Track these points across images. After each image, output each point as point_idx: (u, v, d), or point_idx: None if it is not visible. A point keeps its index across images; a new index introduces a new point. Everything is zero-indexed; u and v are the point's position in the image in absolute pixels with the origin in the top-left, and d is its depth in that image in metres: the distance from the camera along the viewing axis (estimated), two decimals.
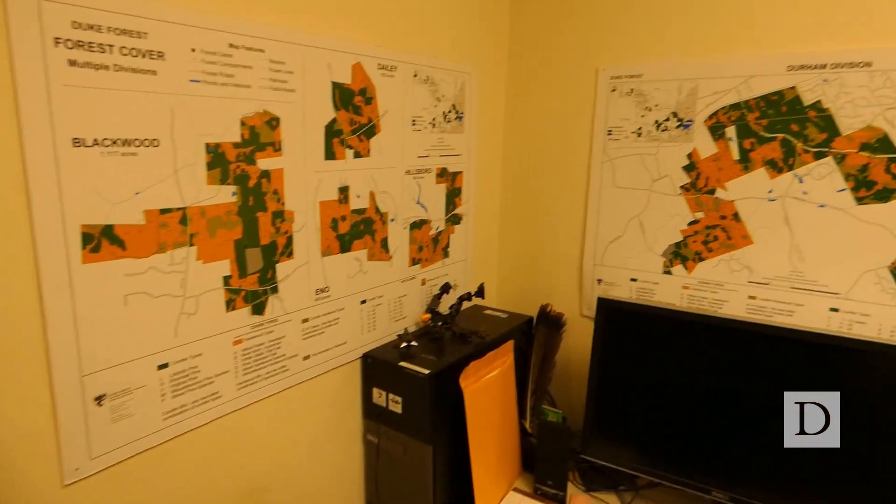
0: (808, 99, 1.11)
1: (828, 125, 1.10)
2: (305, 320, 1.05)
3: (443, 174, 1.33)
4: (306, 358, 1.07)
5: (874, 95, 1.06)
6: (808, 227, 1.14)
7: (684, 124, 1.25)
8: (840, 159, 1.10)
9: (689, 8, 1.22)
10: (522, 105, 1.48)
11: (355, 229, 1.12)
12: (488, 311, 1.45)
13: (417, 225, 1.28)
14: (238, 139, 0.89)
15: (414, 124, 1.22)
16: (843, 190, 1.10)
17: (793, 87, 1.13)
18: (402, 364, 1.13)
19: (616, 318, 1.24)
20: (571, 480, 1.30)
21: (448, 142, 1.33)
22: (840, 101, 1.09)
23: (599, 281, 1.41)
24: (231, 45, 0.86)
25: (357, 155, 1.10)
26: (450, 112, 1.32)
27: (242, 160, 0.90)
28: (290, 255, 1.00)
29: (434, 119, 1.28)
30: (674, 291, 1.31)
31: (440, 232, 1.36)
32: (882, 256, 1.08)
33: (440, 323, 1.29)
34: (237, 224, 0.91)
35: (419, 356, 1.17)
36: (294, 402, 1.07)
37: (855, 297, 1.12)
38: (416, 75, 1.21)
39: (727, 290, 1.24)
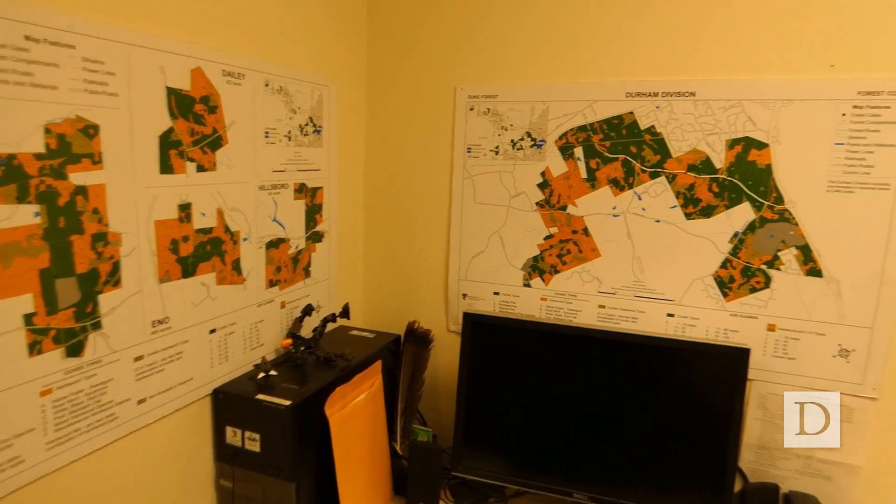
0: (644, 123, 1.19)
1: (661, 148, 1.19)
2: (139, 358, 0.89)
3: (301, 190, 1.23)
4: (141, 401, 0.90)
5: (698, 122, 1.16)
6: (647, 240, 1.22)
7: (537, 144, 1.28)
8: (671, 179, 1.19)
9: (538, 35, 1.25)
10: (383, 121, 1.43)
11: (201, 251, 0.98)
12: (355, 332, 1.37)
13: (274, 244, 1.17)
14: (42, 149, 0.72)
15: (267, 137, 1.11)
16: (674, 206, 1.19)
17: (631, 113, 1.20)
18: (260, 397, 1.00)
19: (480, 331, 1.22)
20: (443, 499, 1.26)
21: (306, 156, 1.23)
22: (670, 126, 1.17)
23: (465, 295, 1.39)
24: (28, 38, 0.69)
25: (201, 168, 0.96)
26: (307, 125, 1.22)
27: (48, 174, 0.73)
28: (116, 283, 0.84)
29: (290, 132, 1.17)
30: (533, 303, 1.33)
31: (300, 251, 1.25)
32: (707, 266, 1.18)
33: (303, 348, 1.18)
34: (42, 250, 0.73)
35: (279, 386, 1.05)
36: (129, 453, 0.90)
37: (687, 303, 1.21)
38: (267, 85, 1.09)
39: (580, 300, 1.29)
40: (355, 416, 1.13)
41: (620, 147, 1.21)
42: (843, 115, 1.06)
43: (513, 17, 1.27)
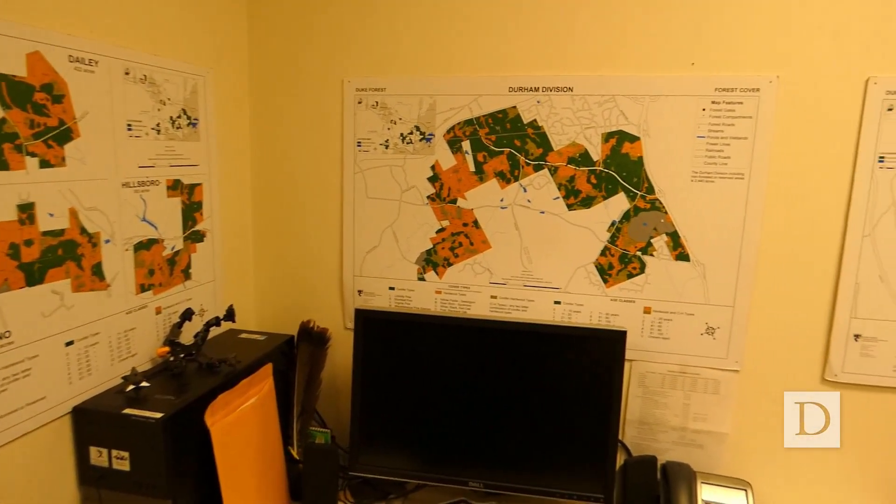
0: (526, 118, 1.21)
1: (543, 141, 1.21)
2: None
3: (176, 187, 1.13)
4: None
5: (576, 116, 1.19)
6: (533, 231, 1.24)
7: (426, 138, 1.26)
8: (554, 171, 1.21)
9: (425, 28, 1.23)
10: (270, 114, 1.35)
11: (50, 255, 0.87)
12: (245, 335, 1.29)
13: (145, 245, 1.07)
14: None
15: (130, 129, 1.01)
16: (557, 198, 1.22)
17: (514, 107, 1.21)
18: (127, 411, 0.91)
19: (373, 327, 1.19)
20: (343, 500, 1.22)
21: (181, 150, 1.14)
22: (551, 120, 1.20)
23: (360, 292, 1.35)
24: None
25: (45, 164, 0.85)
26: (179, 117, 1.13)
27: None
28: None
29: (159, 124, 1.08)
30: (428, 297, 1.32)
31: (177, 252, 1.15)
32: (589, 254, 1.22)
33: (182, 355, 1.10)
34: None
35: (152, 398, 0.96)
36: None
37: (572, 290, 1.24)
38: (128, 73, 0.99)
39: (473, 291, 1.29)
40: (242, 423, 1.06)
41: (505, 141, 1.22)
42: (704, 110, 1.13)
43: (400, 9, 1.24)
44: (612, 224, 1.20)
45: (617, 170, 1.18)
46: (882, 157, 1.06)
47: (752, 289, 1.15)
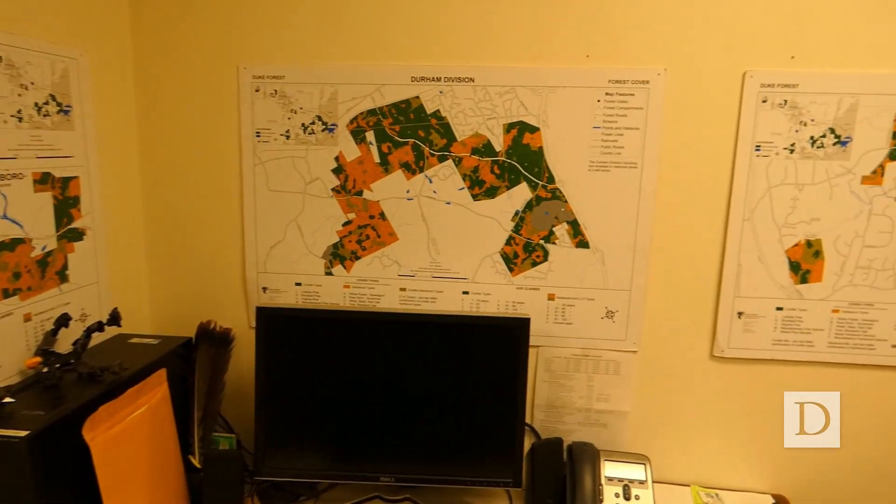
0: (429, 108, 1.18)
1: (446, 132, 1.19)
2: None
3: (46, 180, 1.01)
4: None
5: (478, 107, 1.17)
6: (440, 222, 1.21)
7: (329, 128, 1.21)
8: (458, 162, 1.19)
9: (325, 14, 1.17)
10: (159, 101, 1.24)
11: None
12: (136, 340, 1.18)
13: (8, 246, 0.95)
14: None
15: None
16: (462, 188, 1.20)
17: (417, 97, 1.18)
18: None
19: (277, 326, 1.13)
20: None
21: (50, 140, 1.02)
22: (454, 110, 1.18)
23: (265, 289, 1.28)
24: None
25: None
26: (47, 104, 1.01)
27: None
28: None
29: (20, 111, 0.95)
30: (337, 291, 1.27)
31: (50, 252, 1.03)
32: (494, 244, 1.22)
33: (58, 365, 0.99)
34: None
35: (18, 415, 0.85)
36: None
37: (479, 280, 1.23)
38: None
39: (382, 284, 1.25)
40: (129, 435, 0.97)
41: (409, 131, 1.19)
42: (598, 101, 1.15)
43: None
44: (516, 213, 1.20)
45: (519, 160, 1.18)
46: (758, 146, 1.13)
47: (646, 273, 1.19)
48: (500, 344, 1.12)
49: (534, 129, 1.16)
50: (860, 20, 1.07)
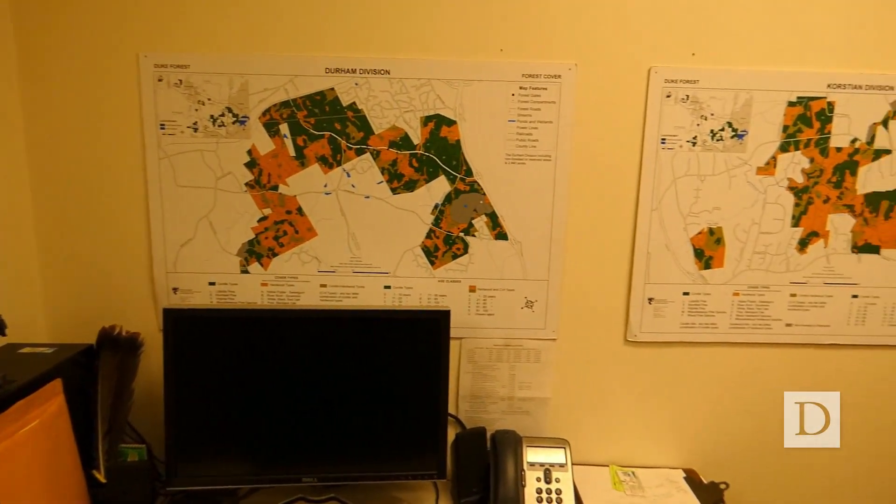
0: (345, 100, 1.15)
1: (363, 125, 1.16)
2: None
3: None
4: None
5: (395, 99, 1.15)
6: (359, 216, 1.19)
7: (240, 120, 1.15)
8: (376, 155, 1.17)
9: (231, 1, 1.12)
10: (49, 91, 1.14)
11: None
12: (27, 350, 1.08)
13: None
14: None
15: None
16: (381, 182, 1.18)
17: (332, 89, 1.14)
18: None
19: (187, 327, 1.07)
20: None
21: None
22: (370, 103, 1.15)
23: (175, 290, 1.21)
24: None
25: None
26: None
27: None
28: None
29: None
30: (254, 290, 1.21)
31: None
32: (415, 237, 1.20)
33: None
34: None
35: None
36: None
37: (401, 274, 1.22)
38: None
39: (301, 281, 1.21)
40: (18, 452, 0.89)
41: (325, 124, 1.15)
42: (513, 94, 1.15)
43: None
44: (436, 207, 1.19)
45: (437, 153, 1.17)
46: (664, 139, 1.17)
47: (563, 263, 1.21)
48: (422, 337, 1.11)
49: (451, 123, 1.16)
50: (754, 20, 1.14)
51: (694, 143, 1.17)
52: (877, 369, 1.28)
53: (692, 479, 1.25)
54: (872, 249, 1.22)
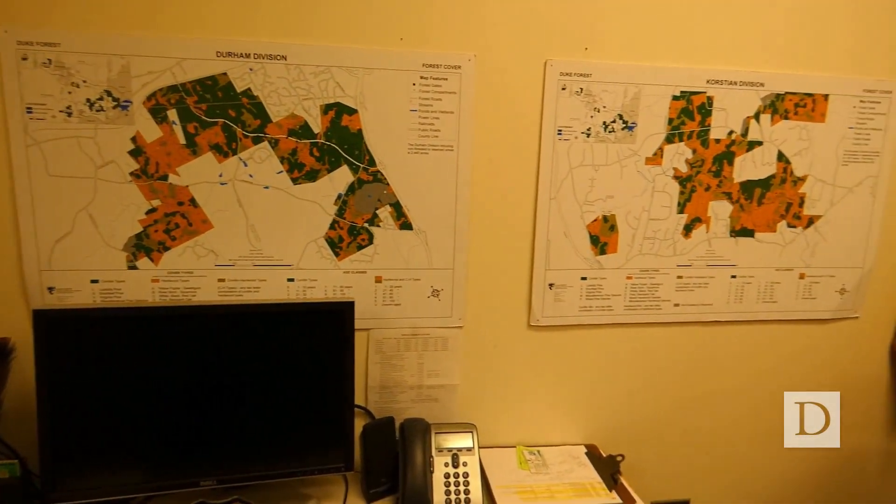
0: (239, 86, 1.09)
1: (260, 112, 1.11)
2: None
3: None
4: None
5: (292, 86, 1.11)
6: (259, 207, 1.14)
7: (121, 105, 1.07)
8: (274, 144, 1.13)
9: None
10: None
11: None
12: None
13: None
14: None
15: None
16: (281, 172, 1.14)
17: (224, 74, 1.09)
18: None
19: (63, 330, 0.98)
20: None
21: None
22: (266, 89, 1.11)
23: (51, 289, 1.11)
24: None
25: None
26: None
27: None
28: None
29: None
30: (143, 287, 1.14)
31: None
32: (319, 228, 1.17)
33: None
34: None
35: None
36: None
37: (305, 266, 1.19)
38: None
39: (197, 276, 1.15)
40: None
41: (218, 110, 1.10)
42: (414, 84, 1.15)
43: None
44: (339, 197, 1.17)
45: (338, 142, 1.14)
46: (560, 131, 1.21)
47: (467, 251, 1.23)
48: (326, 330, 1.09)
49: (352, 111, 1.14)
50: (642, 17, 1.20)
51: (588, 135, 1.22)
52: (754, 342, 1.40)
53: (593, 453, 1.32)
54: (748, 233, 1.33)
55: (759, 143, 1.29)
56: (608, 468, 1.25)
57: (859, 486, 1.56)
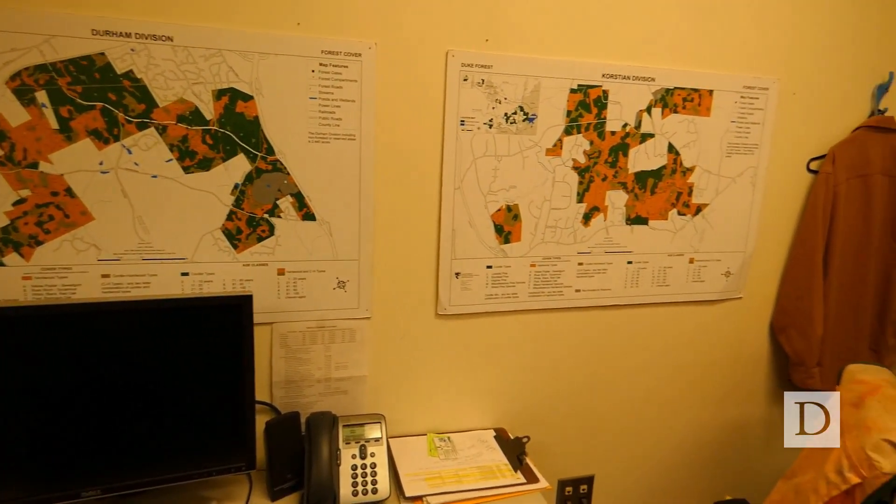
0: (120, 67, 1.02)
1: (144, 96, 1.04)
2: None
3: None
4: None
5: (180, 70, 1.06)
6: (146, 198, 1.08)
7: None
8: (162, 130, 1.07)
9: None
10: None
11: None
12: None
13: None
14: None
15: None
16: (170, 160, 1.08)
17: (102, 54, 1.01)
18: None
19: None
20: None
21: None
22: (151, 72, 1.04)
23: None
24: None
25: None
26: None
27: None
28: None
29: None
30: (13, 285, 1.04)
31: None
32: (214, 219, 1.13)
33: None
34: None
35: None
36: None
37: (200, 259, 1.13)
38: None
39: (77, 272, 1.07)
40: None
41: (96, 93, 1.02)
42: (313, 71, 1.12)
43: None
44: (236, 187, 1.12)
45: (233, 129, 1.10)
46: (463, 121, 1.23)
47: (373, 242, 1.23)
48: (222, 325, 1.05)
49: (247, 98, 1.09)
50: (541, 11, 1.23)
51: (490, 126, 1.25)
52: (649, 324, 1.50)
53: (501, 436, 1.36)
54: (642, 221, 1.41)
55: (652, 136, 1.37)
56: (514, 450, 1.30)
57: (745, 451, 1.71)
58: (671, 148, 1.39)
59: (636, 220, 1.40)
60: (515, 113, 1.26)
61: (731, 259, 1.52)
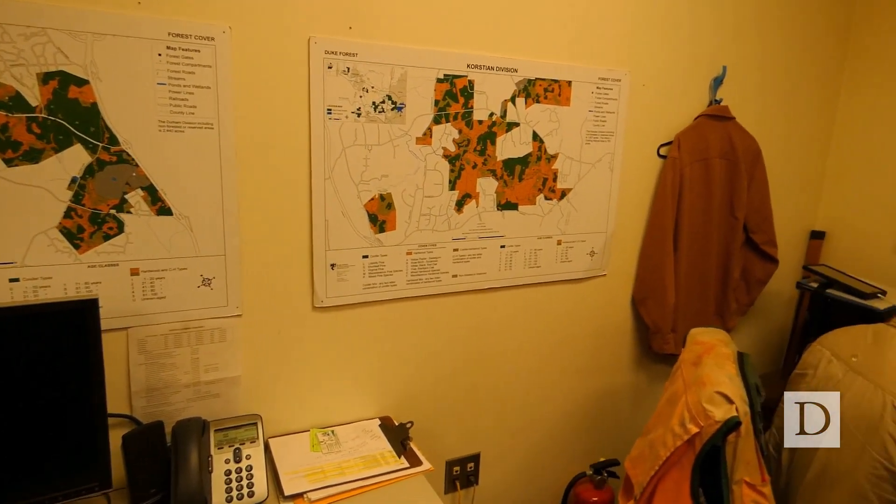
0: None
1: None
2: None
3: None
4: None
5: None
6: None
7: None
8: None
9: None
10: None
11: None
12: None
13: None
14: None
15: None
16: None
17: None
18: None
19: None
20: None
21: None
22: None
23: None
24: None
25: None
26: None
27: None
28: None
29: None
30: None
31: None
32: (49, 218, 1.02)
33: None
34: None
35: None
36: None
37: (32, 263, 1.02)
38: None
39: None
40: None
41: None
42: (160, 55, 1.05)
43: None
44: (74, 181, 1.02)
45: (66, 117, 1.00)
46: (330, 110, 1.21)
47: (239, 235, 1.18)
48: (62, 334, 0.95)
49: (82, 82, 1.00)
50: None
51: (359, 115, 1.24)
52: (523, 304, 1.58)
53: (386, 424, 1.37)
54: (512, 206, 1.49)
55: (517, 125, 1.44)
56: (398, 436, 1.32)
57: (615, 415, 1.87)
58: (535, 136, 1.47)
59: (507, 205, 1.47)
60: (384, 102, 1.26)
61: (594, 239, 1.64)
